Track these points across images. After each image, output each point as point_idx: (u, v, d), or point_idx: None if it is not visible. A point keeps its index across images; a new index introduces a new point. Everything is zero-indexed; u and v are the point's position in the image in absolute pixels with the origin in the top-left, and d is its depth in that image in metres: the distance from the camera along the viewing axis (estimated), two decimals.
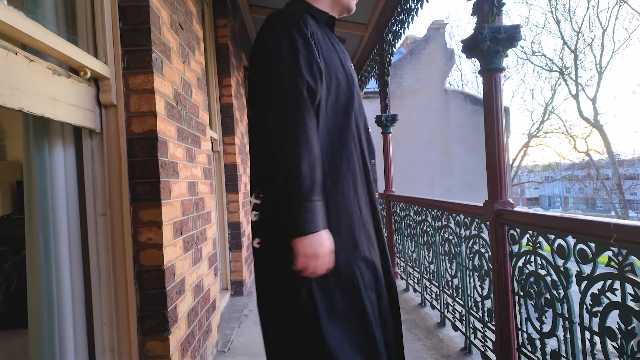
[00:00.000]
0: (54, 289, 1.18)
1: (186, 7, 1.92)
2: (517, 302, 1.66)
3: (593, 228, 1.22)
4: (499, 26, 1.62)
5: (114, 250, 1.34)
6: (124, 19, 1.38)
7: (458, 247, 2.24)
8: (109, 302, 1.32)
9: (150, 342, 1.37)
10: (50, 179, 1.19)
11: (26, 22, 0.93)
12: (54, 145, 1.20)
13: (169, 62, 1.60)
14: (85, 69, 1.20)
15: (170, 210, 1.48)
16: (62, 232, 1.21)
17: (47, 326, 1.16)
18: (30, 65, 0.98)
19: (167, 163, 1.48)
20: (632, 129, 49.25)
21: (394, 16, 3.36)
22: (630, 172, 21.65)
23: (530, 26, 25.17)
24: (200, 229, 1.91)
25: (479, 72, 1.73)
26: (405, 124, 8.83)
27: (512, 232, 1.66)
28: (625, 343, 1.11)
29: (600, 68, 17.12)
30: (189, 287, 1.68)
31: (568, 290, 1.37)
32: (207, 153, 2.16)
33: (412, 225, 3.19)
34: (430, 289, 2.82)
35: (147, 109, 1.39)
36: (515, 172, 19.41)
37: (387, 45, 3.70)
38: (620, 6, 16.48)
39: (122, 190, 1.34)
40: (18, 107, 0.92)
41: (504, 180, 1.72)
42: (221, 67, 3.25)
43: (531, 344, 1.59)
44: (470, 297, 2.12)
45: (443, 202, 2.55)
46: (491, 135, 1.71)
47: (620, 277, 1.12)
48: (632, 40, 36.12)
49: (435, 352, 2.19)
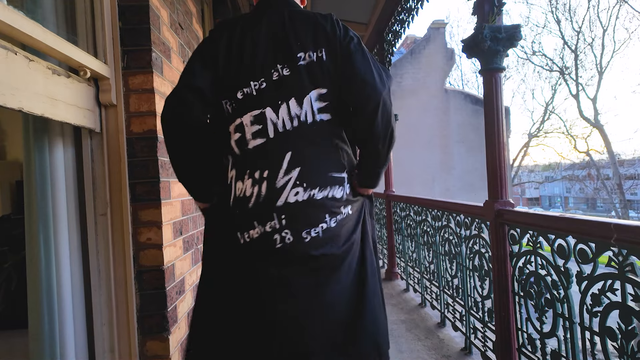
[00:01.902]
0: (54, 289, 1.18)
1: (186, 7, 1.92)
2: (518, 302, 1.66)
3: (593, 228, 1.22)
4: (500, 26, 1.62)
5: (114, 250, 1.34)
6: (123, 18, 1.38)
7: (458, 247, 2.24)
8: (108, 302, 1.32)
9: (150, 342, 1.37)
10: (50, 179, 1.18)
11: (26, 22, 0.93)
12: (54, 145, 1.20)
13: (169, 61, 1.59)
14: (85, 69, 1.20)
15: (170, 210, 1.48)
16: (62, 232, 1.21)
17: (47, 326, 1.16)
18: (30, 65, 0.97)
19: (167, 163, 1.48)
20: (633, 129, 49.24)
21: (394, 16, 3.35)
22: (631, 172, 21.62)
23: (531, 26, 25.14)
24: (200, 229, 1.91)
25: (480, 72, 1.73)
26: (405, 124, 8.83)
27: (513, 232, 1.66)
28: (625, 343, 1.11)
29: (600, 68, 17.11)
30: (189, 287, 1.68)
31: (568, 290, 1.37)
32: None
33: (412, 225, 3.19)
34: (431, 289, 2.82)
35: (146, 108, 1.39)
36: (516, 172, 19.40)
37: (387, 45, 3.69)
38: (620, 6, 16.47)
39: (122, 190, 1.34)
40: (18, 107, 0.92)
41: (504, 180, 1.72)
42: None
43: (531, 344, 1.59)
44: (471, 297, 2.12)
45: (443, 202, 2.55)
46: (491, 135, 1.71)
47: (621, 277, 1.12)
48: (632, 40, 36.03)
49: (435, 352, 2.19)
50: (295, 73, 1.00)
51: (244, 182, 0.99)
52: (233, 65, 1.01)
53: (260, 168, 0.98)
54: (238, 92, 1.00)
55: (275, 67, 1.01)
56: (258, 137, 0.99)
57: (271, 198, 0.97)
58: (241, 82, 1.00)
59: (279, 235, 0.97)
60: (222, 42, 1.02)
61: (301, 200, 0.97)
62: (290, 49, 1.01)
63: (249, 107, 1.00)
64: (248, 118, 0.99)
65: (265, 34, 1.03)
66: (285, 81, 1.00)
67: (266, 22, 1.04)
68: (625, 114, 54.80)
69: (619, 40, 42.37)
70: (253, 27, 1.04)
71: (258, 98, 0.99)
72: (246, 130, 0.99)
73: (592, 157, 18.28)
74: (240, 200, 0.99)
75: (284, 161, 0.98)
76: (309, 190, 0.98)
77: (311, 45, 1.01)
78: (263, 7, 1.11)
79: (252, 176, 0.98)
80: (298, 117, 1.00)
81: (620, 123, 63.35)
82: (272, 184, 0.97)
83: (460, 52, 7.74)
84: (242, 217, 0.99)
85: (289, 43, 1.02)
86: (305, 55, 1.01)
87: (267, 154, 0.98)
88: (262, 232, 0.97)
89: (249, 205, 0.98)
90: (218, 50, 1.02)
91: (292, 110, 1.00)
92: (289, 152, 0.98)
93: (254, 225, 0.98)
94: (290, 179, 0.97)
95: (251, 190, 0.98)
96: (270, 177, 0.97)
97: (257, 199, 0.97)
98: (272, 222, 0.97)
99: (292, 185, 0.97)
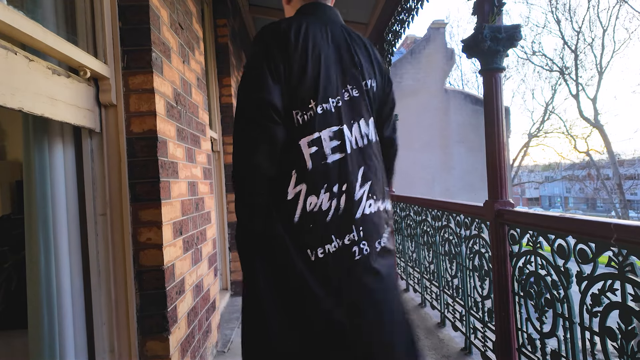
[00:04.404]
0: (54, 289, 1.18)
1: (186, 7, 1.92)
2: (518, 302, 1.66)
3: (593, 228, 1.22)
4: (500, 26, 1.62)
5: (114, 250, 1.34)
6: (123, 18, 1.38)
7: (458, 247, 2.24)
8: (108, 302, 1.32)
9: (150, 342, 1.36)
10: (50, 179, 1.18)
11: (26, 22, 0.93)
12: (54, 145, 1.20)
13: (169, 61, 1.59)
14: (85, 69, 1.20)
15: (170, 210, 1.48)
16: (62, 232, 1.21)
17: (47, 326, 1.16)
18: (30, 65, 0.97)
19: (166, 163, 1.47)
20: (633, 129, 49.27)
21: (394, 16, 3.35)
22: (631, 172, 21.63)
23: (531, 26, 25.19)
24: (200, 229, 1.91)
25: (479, 72, 1.73)
26: (405, 124, 8.82)
27: (513, 232, 1.66)
28: (625, 343, 1.11)
29: (600, 68, 17.11)
30: (189, 287, 1.68)
31: (568, 290, 1.37)
32: (207, 153, 2.16)
33: (412, 225, 3.19)
34: (431, 289, 2.82)
35: (146, 108, 1.39)
36: (516, 172, 19.39)
37: (387, 45, 3.69)
38: (620, 6, 16.47)
39: (122, 190, 1.34)
40: (18, 107, 0.92)
41: (504, 180, 1.72)
42: (221, 67, 3.25)
43: (531, 344, 1.59)
44: (471, 297, 2.12)
45: (443, 202, 2.55)
46: (491, 135, 1.71)
47: (621, 277, 1.12)
48: (632, 40, 36.08)
49: (435, 352, 2.19)
50: (362, 94, 1.08)
51: (319, 196, 0.98)
52: (310, 78, 1.00)
53: (340, 182, 1.00)
54: (318, 106, 1.00)
55: (346, 87, 1.06)
56: (337, 152, 1.02)
57: (350, 211, 1.00)
58: (320, 97, 1.01)
59: (357, 247, 1.00)
60: (292, 50, 0.99)
61: (374, 212, 1.05)
62: (359, 72, 1.09)
63: (328, 122, 1.01)
64: (327, 133, 1.01)
65: (334, 51, 1.06)
66: (355, 101, 1.07)
67: (332, 37, 1.07)
68: (625, 114, 54.85)
69: (619, 40, 42.45)
70: (321, 40, 1.05)
71: (337, 115, 1.03)
72: (324, 144, 1.00)
73: (592, 157, 18.29)
74: (314, 214, 0.98)
75: (359, 175, 1.03)
76: (378, 202, 1.06)
77: (371, 72, 1.12)
78: (321, 15, 1.11)
79: (330, 190, 0.99)
80: (367, 135, 1.08)
81: (620, 123, 63.45)
82: (351, 196, 1.00)
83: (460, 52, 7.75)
84: (316, 232, 0.98)
85: (355, 65, 1.08)
86: (367, 81, 1.10)
87: (346, 168, 1.02)
88: (340, 246, 0.99)
89: (326, 220, 0.98)
90: (291, 59, 0.99)
91: (362, 129, 1.07)
92: (362, 167, 1.04)
93: (331, 239, 0.98)
94: (364, 191, 1.03)
95: (328, 204, 0.98)
96: (349, 190, 1.00)
97: (336, 212, 0.99)
98: (350, 234, 0.99)
99: (366, 197, 1.03)
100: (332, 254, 0.98)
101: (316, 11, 1.11)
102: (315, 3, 1.13)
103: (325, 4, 1.15)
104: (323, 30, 1.06)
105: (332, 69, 1.04)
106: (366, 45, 1.14)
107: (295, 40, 1.00)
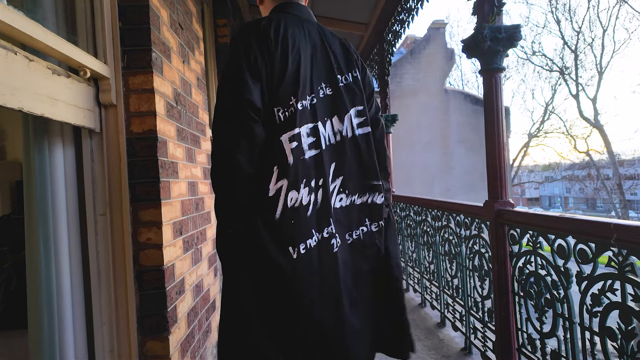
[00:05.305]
0: (54, 289, 1.17)
1: (186, 7, 1.92)
2: (517, 302, 1.66)
3: (593, 228, 1.22)
4: (500, 26, 1.62)
5: (114, 250, 1.34)
6: (123, 18, 1.38)
7: (458, 247, 2.24)
8: (108, 302, 1.32)
9: (150, 343, 1.36)
10: (50, 179, 1.18)
11: (26, 22, 0.93)
12: (54, 145, 1.20)
13: (169, 61, 1.59)
14: (85, 69, 1.20)
15: (170, 210, 1.48)
16: (62, 232, 1.21)
17: (47, 326, 1.16)
18: (29, 65, 0.97)
19: (166, 163, 1.47)
20: (633, 129, 49.25)
21: (394, 16, 3.36)
22: (631, 172, 21.64)
23: (531, 26, 25.21)
24: (200, 229, 1.91)
25: (479, 72, 1.73)
26: (405, 124, 8.83)
27: (512, 232, 1.66)
28: (625, 343, 1.11)
29: (600, 68, 17.12)
30: (189, 287, 1.68)
31: (568, 290, 1.37)
32: (207, 153, 2.16)
33: (412, 225, 3.19)
34: (431, 289, 2.82)
35: (146, 108, 1.39)
36: (516, 172, 19.39)
37: (387, 45, 3.70)
38: (620, 6, 16.48)
39: (122, 190, 1.34)
40: (18, 107, 0.92)
41: (504, 181, 1.72)
42: (221, 67, 3.24)
43: (531, 344, 1.59)
44: (471, 297, 2.12)
45: (443, 202, 2.55)
46: (491, 135, 1.71)
47: (621, 277, 1.12)
48: (632, 40, 36.12)
49: (435, 352, 2.19)
50: (336, 92, 1.10)
51: (300, 191, 0.99)
52: (290, 75, 1.01)
53: (316, 177, 1.03)
54: (298, 102, 1.02)
55: (321, 85, 1.08)
56: (313, 149, 1.04)
57: (327, 204, 1.03)
58: (300, 93, 1.02)
59: (335, 240, 1.04)
60: (273, 47, 1.00)
61: (344, 206, 1.07)
62: (332, 70, 1.11)
63: (306, 119, 1.04)
64: (305, 129, 1.03)
65: (311, 49, 1.08)
66: (329, 99, 1.09)
67: (309, 35, 1.09)
68: (625, 114, 54.85)
69: (619, 40, 42.47)
70: (299, 37, 1.06)
71: (312, 112, 1.05)
72: (303, 140, 1.02)
73: (592, 157, 18.29)
74: (295, 210, 0.98)
75: (330, 170, 1.06)
76: (352, 196, 1.09)
77: (346, 68, 1.14)
78: (297, 14, 1.13)
79: (309, 185, 1.01)
80: (340, 132, 1.10)
81: (620, 123, 63.48)
82: (326, 190, 1.03)
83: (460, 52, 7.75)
84: (298, 228, 0.98)
85: (331, 64, 1.11)
86: (342, 78, 1.12)
87: (322, 164, 1.04)
88: (320, 239, 1.01)
89: (307, 214, 0.99)
90: (272, 56, 0.99)
91: (335, 127, 1.09)
92: (333, 162, 1.07)
93: (312, 234, 1.00)
94: (335, 186, 1.06)
95: (308, 199, 1.00)
96: (325, 184, 1.03)
97: (315, 207, 1.01)
98: (328, 227, 1.02)
99: (337, 192, 1.06)
100: (313, 249, 1.00)
101: (292, 10, 1.14)
102: (289, 2, 1.15)
103: (298, 2, 1.17)
104: (300, 28, 1.08)
105: (309, 66, 1.06)
106: (340, 41, 1.17)
107: (275, 38, 1.01)
